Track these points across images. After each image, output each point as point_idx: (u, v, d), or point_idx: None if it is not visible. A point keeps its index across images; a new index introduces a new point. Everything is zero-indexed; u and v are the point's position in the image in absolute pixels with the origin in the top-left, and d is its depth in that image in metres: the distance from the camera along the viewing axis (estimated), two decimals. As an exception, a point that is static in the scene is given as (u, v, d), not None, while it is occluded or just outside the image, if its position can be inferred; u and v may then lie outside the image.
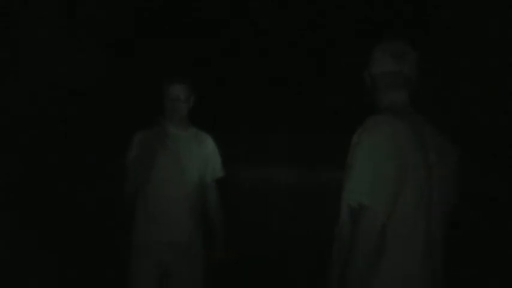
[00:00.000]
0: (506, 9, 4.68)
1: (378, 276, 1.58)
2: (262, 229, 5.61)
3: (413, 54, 1.79)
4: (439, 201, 1.69)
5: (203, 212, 2.82)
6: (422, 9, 5.18)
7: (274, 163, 6.24)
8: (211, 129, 2.99)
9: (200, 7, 5.79)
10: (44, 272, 3.92)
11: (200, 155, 2.82)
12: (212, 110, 5.53)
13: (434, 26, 5.07)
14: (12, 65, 4.83)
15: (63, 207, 4.79)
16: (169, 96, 2.72)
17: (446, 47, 4.99)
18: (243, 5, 5.81)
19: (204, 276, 2.73)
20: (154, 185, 2.70)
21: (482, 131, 4.77)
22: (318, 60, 5.80)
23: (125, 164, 2.70)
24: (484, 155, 4.65)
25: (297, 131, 5.99)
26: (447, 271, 1.75)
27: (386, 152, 1.56)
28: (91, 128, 5.28)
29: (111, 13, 5.30)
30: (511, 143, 4.61)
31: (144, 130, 2.75)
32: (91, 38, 5.27)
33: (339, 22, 5.60)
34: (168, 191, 2.69)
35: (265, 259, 4.71)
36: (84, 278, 3.93)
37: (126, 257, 2.65)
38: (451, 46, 5.00)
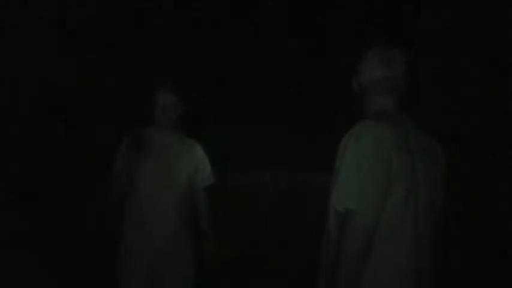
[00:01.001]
0: (506, 9, 4.68)
1: (367, 279, 1.61)
2: (261, 231, 5.60)
3: (402, 59, 1.83)
4: (426, 204, 1.72)
5: (193, 215, 2.84)
6: (422, 10, 5.18)
7: (273, 165, 6.23)
8: (211, 128, 3.00)
9: (200, 7, 5.78)
10: (42, 273, 3.92)
11: (188, 162, 2.82)
12: (211, 111, 5.52)
13: (434, 26, 5.07)
14: (10, 65, 4.82)
15: (63, 209, 4.78)
16: (158, 103, 2.70)
17: (446, 46, 4.98)
18: (243, 5, 5.81)
19: (194, 280, 2.74)
20: (141, 192, 2.68)
21: (482, 131, 4.77)
22: (317, 61, 5.79)
23: (112, 172, 2.71)
24: (483, 155, 4.65)
25: (297, 131, 5.98)
26: (437, 271, 1.77)
27: (373, 157, 1.59)
28: (90, 128, 5.28)
29: (109, 12, 5.30)
30: (511, 143, 4.61)
31: (130, 137, 2.74)
32: (90, 37, 5.27)
33: (339, 22, 5.60)
34: (155, 198, 2.67)
35: (265, 260, 4.71)
36: (83, 279, 3.93)
37: (117, 263, 2.66)
38: (450, 46, 5.00)
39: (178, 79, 2.81)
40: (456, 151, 1.85)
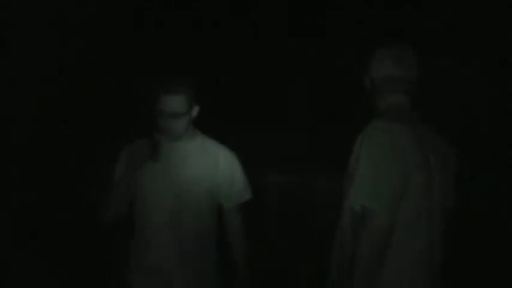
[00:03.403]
0: (506, 9, 4.68)
1: (382, 276, 1.61)
2: (262, 231, 5.59)
3: (414, 58, 1.82)
4: (440, 202, 1.73)
5: (221, 240, 2.26)
6: (422, 10, 5.18)
7: (273, 165, 6.23)
8: (211, 129, 2.68)
9: (200, 7, 5.78)
10: (42, 274, 3.91)
11: (208, 173, 2.16)
12: (210, 110, 5.49)
13: (434, 26, 5.07)
14: (7, 64, 4.82)
15: (63, 209, 4.78)
16: (163, 111, 2.05)
17: (446, 46, 4.98)
18: (243, 5, 5.81)
19: None
20: (145, 211, 2.14)
21: (482, 131, 4.76)
22: (318, 61, 5.79)
23: (107, 185, 2.18)
24: (483, 155, 4.64)
25: (296, 131, 5.98)
26: (446, 271, 1.78)
27: (388, 157, 1.59)
28: (89, 128, 5.27)
29: (109, 12, 5.29)
30: (511, 143, 4.60)
31: (132, 144, 2.19)
32: (90, 37, 5.27)
33: (339, 22, 5.60)
34: (163, 219, 2.09)
35: (266, 261, 4.70)
36: (83, 280, 3.92)
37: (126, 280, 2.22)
38: (450, 46, 4.99)
39: (188, 77, 2.19)
40: (456, 151, 1.85)
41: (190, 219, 2.12)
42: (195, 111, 2.17)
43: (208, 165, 2.18)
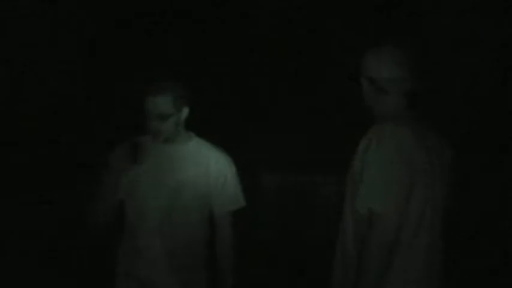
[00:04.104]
0: (507, 9, 4.68)
1: (387, 277, 1.62)
2: (261, 232, 5.60)
3: (413, 59, 1.82)
4: (440, 202, 1.74)
5: (210, 247, 2.18)
6: (422, 9, 5.18)
7: (273, 166, 6.23)
8: (213, 129, 2.61)
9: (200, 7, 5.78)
10: (42, 275, 3.91)
11: (198, 177, 2.10)
12: (207, 111, 5.50)
13: (433, 26, 5.07)
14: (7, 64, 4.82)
15: (63, 211, 4.78)
16: (149, 113, 2.02)
17: (446, 46, 4.98)
18: (242, 5, 5.81)
19: None
20: (133, 216, 2.10)
21: (482, 131, 4.76)
22: (315, 61, 5.80)
23: (95, 189, 2.11)
24: (484, 155, 4.65)
25: (294, 131, 5.98)
26: (447, 267, 1.79)
27: (397, 159, 1.61)
28: (84, 129, 5.27)
29: (108, 12, 5.30)
30: (511, 143, 4.61)
31: (120, 146, 2.11)
32: (88, 36, 5.27)
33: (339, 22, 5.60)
34: (151, 224, 2.05)
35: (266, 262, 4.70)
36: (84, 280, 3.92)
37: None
38: (450, 46, 4.99)
39: (177, 76, 2.17)
40: (456, 151, 1.86)
41: (180, 225, 2.08)
42: (185, 113, 2.11)
43: (198, 169, 2.12)
